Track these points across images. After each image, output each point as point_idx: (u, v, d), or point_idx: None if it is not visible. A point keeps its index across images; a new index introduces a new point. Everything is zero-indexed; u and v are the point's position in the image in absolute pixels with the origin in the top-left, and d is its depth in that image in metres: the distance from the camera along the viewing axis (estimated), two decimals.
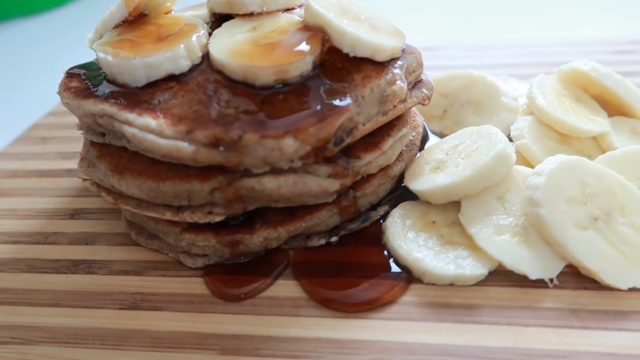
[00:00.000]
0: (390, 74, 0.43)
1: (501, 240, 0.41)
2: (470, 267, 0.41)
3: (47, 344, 0.40)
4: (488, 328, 0.38)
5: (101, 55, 0.43)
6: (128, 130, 0.39)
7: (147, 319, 0.41)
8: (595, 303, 0.39)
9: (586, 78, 0.53)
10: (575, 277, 0.40)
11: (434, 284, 0.41)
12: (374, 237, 0.46)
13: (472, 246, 0.42)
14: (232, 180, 0.40)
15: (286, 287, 0.43)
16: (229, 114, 0.40)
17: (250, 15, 0.46)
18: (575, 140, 0.50)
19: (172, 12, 0.53)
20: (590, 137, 0.51)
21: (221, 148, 0.38)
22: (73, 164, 0.62)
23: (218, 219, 0.42)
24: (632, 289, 0.39)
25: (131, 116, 0.40)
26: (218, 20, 0.49)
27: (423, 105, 0.49)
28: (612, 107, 0.54)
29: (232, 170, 0.40)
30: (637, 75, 0.69)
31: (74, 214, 0.54)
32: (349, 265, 0.44)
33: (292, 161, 0.40)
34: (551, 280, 0.40)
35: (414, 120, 0.54)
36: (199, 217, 0.42)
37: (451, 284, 0.41)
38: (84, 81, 0.46)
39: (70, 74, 0.48)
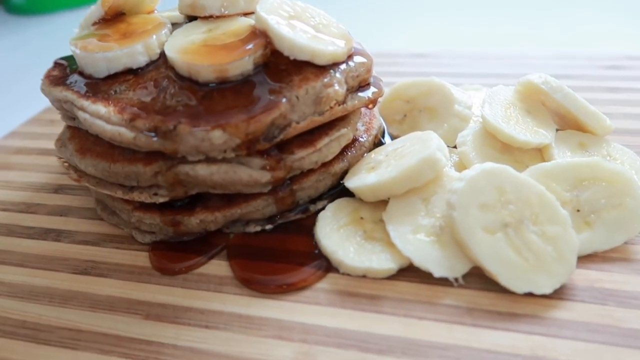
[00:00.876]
0: (328, 78, 0.47)
1: (414, 238, 0.44)
2: (379, 261, 0.43)
3: (6, 298, 0.46)
4: (384, 317, 0.40)
5: (72, 48, 0.49)
6: (81, 115, 0.45)
7: (92, 283, 0.47)
8: (493, 304, 0.40)
9: (539, 91, 0.54)
10: (481, 279, 0.42)
11: (348, 275, 0.44)
12: (310, 228, 0.49)
13: (389, 242, 0.44)
14: (171, 165, 0.45)
15: (218, 267, 0.47)
16: (171, 106, 0.44)
17: (210, 17, 0.51)
18: (517, 150, 0.51)
19: (156, 11, 0.58)
20: (535, 149, 0.52)
21: (153, 136, 0.43)
22: None
23: (162, 200, 0.47)
24: (529, 294, 0.40)
25: (86, 103, 0.45)
26: (190, 20, 0.53)
27: (368, 108, 0.52)
28: (570, 122, 0.55)
29: (171, 157, 0.45)
30: (623, 92, 0.68)
31: (57, 189, 0.60)
32: (278, 251, 0.47)
33: (224, 151, 0.44)
34: (456, 279, 0.42)
35: (368, 123, 0.57)
36: (145, 197, 0.47)
37: (364, 276, 0.44)
38: (64, 71, 0.52)
39: (56, 64, 0.54)
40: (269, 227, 0.49)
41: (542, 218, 0.43)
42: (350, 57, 0.50)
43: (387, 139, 0.59)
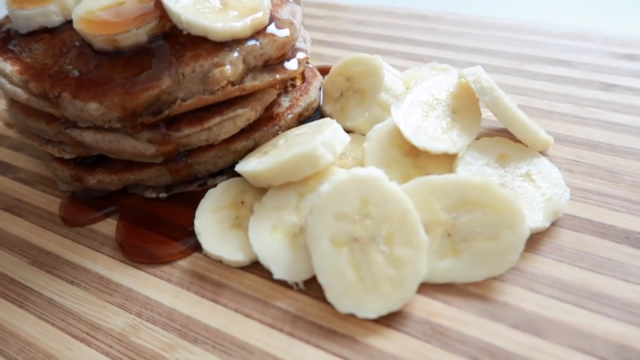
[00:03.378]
0: (219, 57, 0.45)
1: (268, 235, 0.43)
2: (230, 253, 0.44)
3: None
4: (217, 308, 0.42)
5: (4, 1, 0.51)
6: None
7: (9, 221, 0.53)
8: (320, 317, 0.40)
9: (471, 89, 0.48)
10: None
11: (208, 257, 0.46)
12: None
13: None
14: (66, 127, 0.48)
15: (111, 226, 0.50)
16: (65, 72, 0.46)
17: None
18: (424, 155, 0.47)
19: None
20: (448, 155, 0.47)
21: (42, 100, 0.45)
22: None
23: (68, 156, 0.50)
24: (353, 315, 0.39)
25: None
26: None
27: (276, 88, 0.50)
28: None
29: (67, 120, 0.47)
30: (619, 91, 0.58)
31: None
32: (162, 221, 0.49)
33: (109, 122, 0.46)
34: (296, 284, 0.42)
35: (296, 99, 0.54)
36: (55, 152, 0.51)
37: (221, 262, 0.45)
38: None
39: None
40: (162, 195, 0.51)
41: (397, 238, 0.40)
42: (259, 33, 0.47)
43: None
